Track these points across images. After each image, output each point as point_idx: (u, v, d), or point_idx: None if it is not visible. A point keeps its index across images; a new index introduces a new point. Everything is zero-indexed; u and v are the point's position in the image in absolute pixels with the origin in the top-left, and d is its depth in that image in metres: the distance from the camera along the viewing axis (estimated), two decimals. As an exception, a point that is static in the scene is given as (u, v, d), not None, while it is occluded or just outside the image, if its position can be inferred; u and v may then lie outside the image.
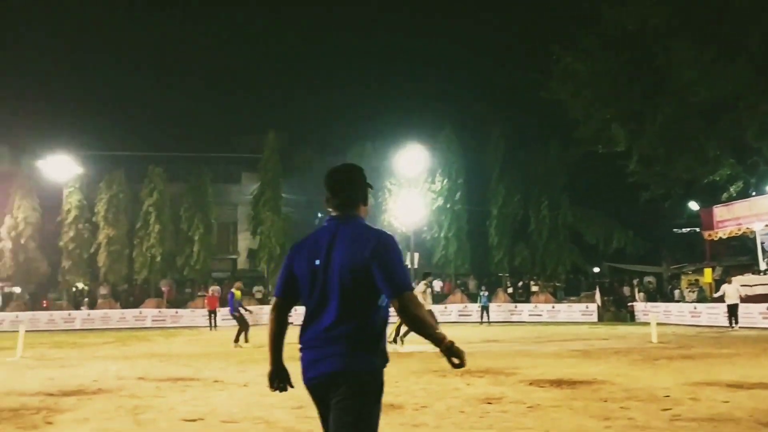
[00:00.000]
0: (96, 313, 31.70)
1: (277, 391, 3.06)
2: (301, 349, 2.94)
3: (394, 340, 14.66)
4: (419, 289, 15.90)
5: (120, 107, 56.43)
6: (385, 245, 2.81)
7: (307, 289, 2.92)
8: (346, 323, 2.79)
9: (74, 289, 34.95)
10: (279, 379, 3.04)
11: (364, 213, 3.04)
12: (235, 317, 17.52)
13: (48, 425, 6.68)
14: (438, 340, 2.77)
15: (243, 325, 17.35)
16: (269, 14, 65.69)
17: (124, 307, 32.87)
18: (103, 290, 33.82)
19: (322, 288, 2.86)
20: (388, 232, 2.93)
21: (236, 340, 17.10)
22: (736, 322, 20.98)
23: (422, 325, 2.78)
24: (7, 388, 9.35)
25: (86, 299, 33.69)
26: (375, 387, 2.81)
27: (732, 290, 21.17)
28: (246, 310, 17.99)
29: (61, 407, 7.68)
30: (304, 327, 2.94)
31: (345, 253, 2.82)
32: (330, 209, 3.02)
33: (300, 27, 66.36)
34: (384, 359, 2.88)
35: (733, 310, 21.10)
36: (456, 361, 2.76)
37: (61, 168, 31.48)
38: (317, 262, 2.88)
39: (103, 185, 34.24)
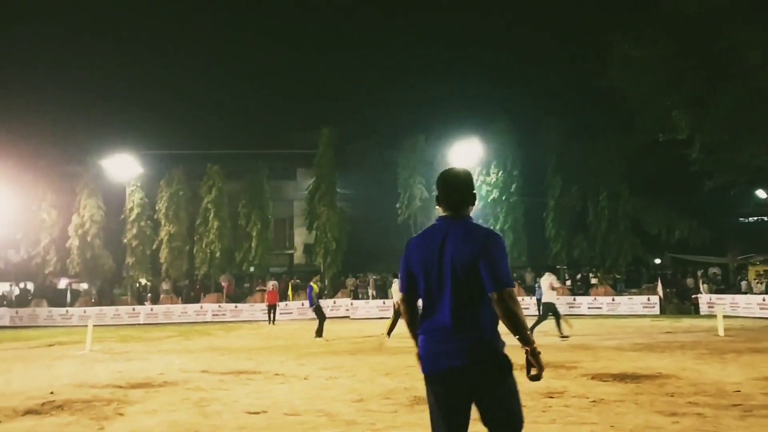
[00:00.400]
0: (159, 307, 32.65)
1: None
2: (420, 338, 3.16)
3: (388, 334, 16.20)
4: (551, 285, 15.95)
5: (178, 107, 57.79)
6: (493, 242, 3.05)
7: (423, 283, 3.17)
8: (462, 316, 3.02)
9: (138, 284, 35.98)
10: None
11: (471, 212, 3.28)
12: (314, 310, 17.95)
13: (119, 416, 6.91)
14: (528, 341, 3.00)
15: (321, 318, 17.67)
16: (320, 12, 66.18)
17: (185, 302, 33.68)
18: (165, 286, 34.73)
19: (437, 282, 3.10)
20: (497, 232, 3.14)
21: (319, 334, 17.49)
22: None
23: (516, 321, 2.98)
24: (79, 381, 9.71)
25: (149, 294, 34.66)
26: (503, 367, 3.02)
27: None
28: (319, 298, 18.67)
29: (130, 399, 7.93)
30: (422, 318, 3.18)
31: (457, 249, 3.06)
32: (441, 209, 3.28)
33: (351, 22, 66.56)
34: (502, 342, 3.08)
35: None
36: (534, 372, 2.98)
37: (123, 167, 32.54)
38: (431, 259, 3.12)
39: (164, 183, 35.09)
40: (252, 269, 35.21)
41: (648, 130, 28.08)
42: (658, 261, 38.46)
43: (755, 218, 37.80)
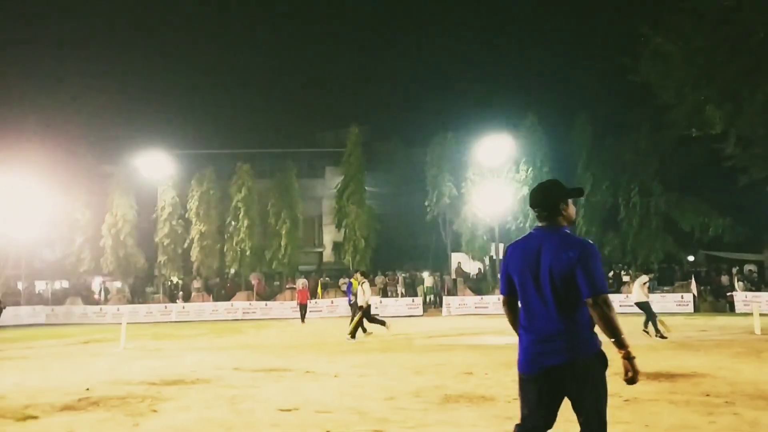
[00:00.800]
0: (190, 305, 32.99)
1: None
2: (521, 339, 3.41)
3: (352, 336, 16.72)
4: (641, 281, 16.20)
5: (209, 108, 58.43)
6: (589, 251, 3.27)
7: (520, 288, 3.42)
8: (560, 319, 3.25)
9: (170, 283, 36.41)
10: None
11: (566, 220, 3.48)
12: (351, 305, 18.06)
13: (153, 413, 7.00)
14: (623, 345, 3.20)
15: (356, 313, 17.77)
16: (348, 11, 66.28)
17: (216, 300, 33.99)
18: (196, 284, 35.08)
19: (535, 287, 3.33)
20: (590, 241, 3.34)
21: (364, 330, 17.61)
22: None
23: (611, 325, 3.18)
24: (113, 377, 9.87)
25: (181, 293, 35.06)
26: (599, 365, 3.28)
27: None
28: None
29: (164, 396, 8.03)
30: (522, 320, 3.44)
31: (554, 258, 3.28)
32: (538, 220, 3.54)
33: (379, 21, 66.59)
34: (599, 340, 3.32)
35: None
36: (629, 375, 3.18)
37: (155, 167, 33.00)
38: (528, 265, 3.36)
39: (195, 182, 35.36)
40: (282, 267, 35.40)
41: (681, 125, 27.63)
42: (691, 258, 37.80)
43: (793, 214, 36.88)
